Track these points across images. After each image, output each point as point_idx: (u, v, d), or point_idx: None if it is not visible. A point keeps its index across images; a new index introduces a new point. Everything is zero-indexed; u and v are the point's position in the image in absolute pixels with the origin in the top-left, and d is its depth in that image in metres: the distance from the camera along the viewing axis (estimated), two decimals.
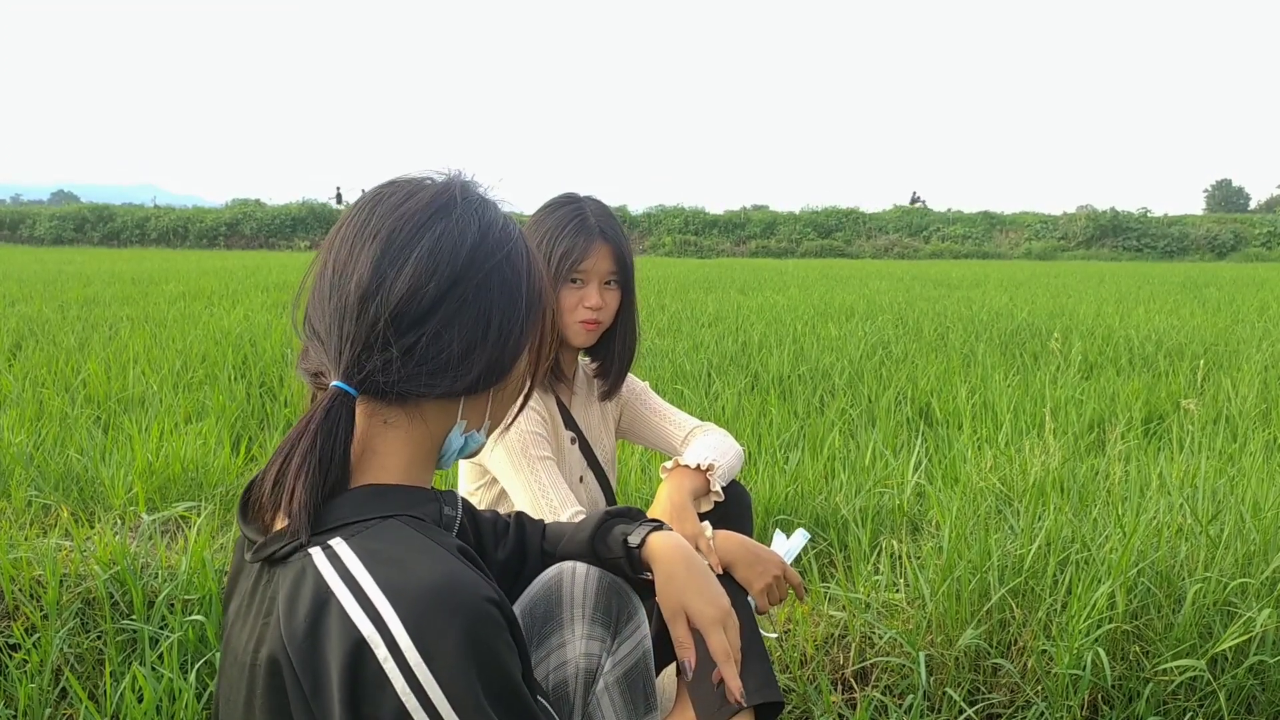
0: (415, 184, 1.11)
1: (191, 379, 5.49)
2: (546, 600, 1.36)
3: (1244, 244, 43.47)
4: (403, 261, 1.03)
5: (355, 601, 0.94)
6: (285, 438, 1.06)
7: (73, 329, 7.75)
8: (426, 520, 1.07)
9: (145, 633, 2.37)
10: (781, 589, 1.81)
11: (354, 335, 1.04)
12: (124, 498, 3.27)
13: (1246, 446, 3.94)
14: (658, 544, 1.37)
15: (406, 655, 0.92)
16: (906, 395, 5.29)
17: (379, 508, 1.04)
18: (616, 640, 1.40)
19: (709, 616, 1.32)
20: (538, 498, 1.92)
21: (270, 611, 1.01)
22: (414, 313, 1.03)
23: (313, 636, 0.95)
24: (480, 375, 1.07)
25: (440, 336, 1.04)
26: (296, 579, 0.99)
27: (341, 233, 1.09)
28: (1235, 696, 2.18)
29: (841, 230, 47.53)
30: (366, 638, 0.92)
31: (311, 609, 0.96)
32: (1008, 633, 2.42)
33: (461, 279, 1.05)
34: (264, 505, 1.07)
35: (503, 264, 1.09)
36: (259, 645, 1.01)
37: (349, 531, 1.01)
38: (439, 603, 0.93)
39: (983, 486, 3.12)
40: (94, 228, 48.19)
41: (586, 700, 1.37)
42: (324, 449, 1.02)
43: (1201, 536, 2.54)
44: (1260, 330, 8.71)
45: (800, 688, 2.34)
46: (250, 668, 1.01)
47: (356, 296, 1.03)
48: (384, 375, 1.03)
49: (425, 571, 0.96)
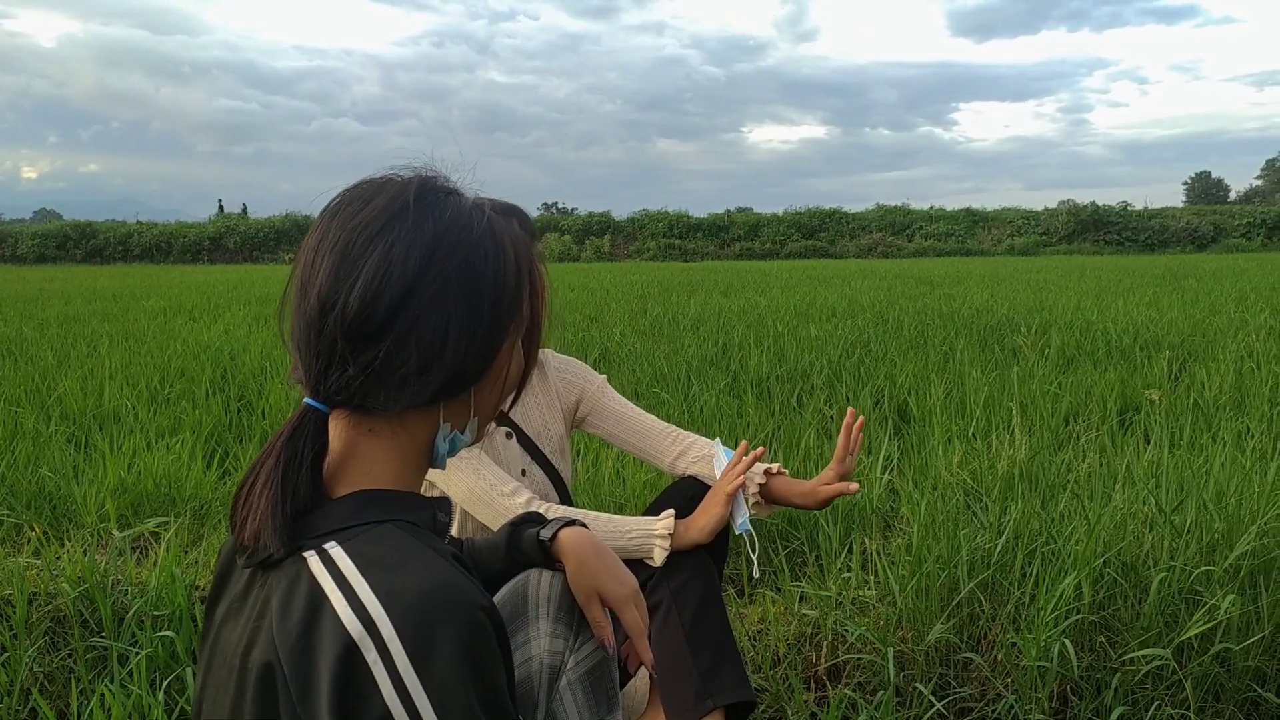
0: (374, 189, 1.07)
1: (169, 394, 5.46)
2: (514, 601, 1.40)
3: (1224, 235, 43.81)
4: (355, 276, 1.01)
5: (348, 605, 0.93)
6: (260, 453, 1.06)
7: (51, 347, 7.71)
8: (421, 526, 1.07)
9: (115, 649, 2.37)
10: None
11: (317, 350, 1.03)
12: (95, 515, 3.26)
13: (1218, 436, 3.97)
14: (567, 536, 1.45)
15: (396, 660, 0.91)
16: (884, 393, 5.31)
17: (374, 513, 1.03)
18: (579, 639, 1.42)
19: (620, 595, 1.40)
20: (475, 482, 1.92)
21: (263, 615, 0.99)
22: (369, 329, 1.01)
23: (305, 640, 0.94)
24: (443, 386, 1.05)
25: (398, 352, 1.01)
26: (291, 583, 0.98)
27: (308, 242, 1.07)
28: (1202, 685, 2.19)
29: (825, 230, 47.70)
30: (357, 641, 0.91)
31: (305, 613, 0.95)
32: (978, 626, 2.43)
33: (415, 290, 1.01)
34: (237, 520, 1.06)
35: (462, 268, 1.04)
36: (250, 648, 1.00)
37: (344, 536, 1.00)
38: (434, 609, 0.92)
39: (952, 482, 3.14)
40: (76, 245, 48.04)
41: (550, 696, 1.39)
42: (288, 467, 1.01)
43: (1165, 526, 2.56)
44: (1237, 320, 8.77)
45: (773, 687, 2.35)
46: (240, 671, 1.00)
47: (317, 311, 1.02)
48: (346, 391, 1.02)
49: (420, 576, 0.95)
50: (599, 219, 50.09)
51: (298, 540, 1.01)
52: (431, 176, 1.11)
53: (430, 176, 1.11)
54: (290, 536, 1.00)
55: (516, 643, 1.37)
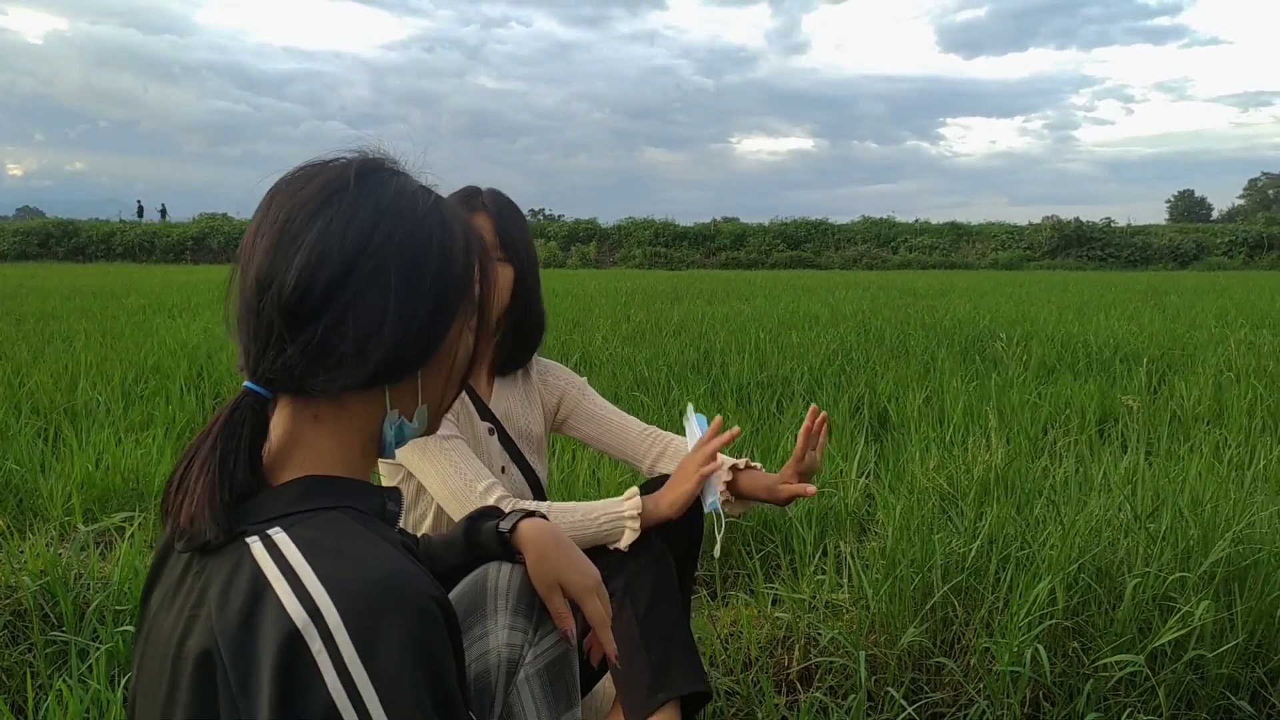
0: (316, 169, 1.05)
1: (143, 390, 5.40)
2: (472, 593, 1.37)
3: (1206, 253, 44.17)
4: (293, 253, 0.98)
5: (292, 592, 0.89)
6: (193, 440, 1.02)
7: (28, 342, 7.63)
8: (369, 513, 1.03)
9: (75, 644, 2.32)
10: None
11: (255, 332, 0.99)
12: (61, 509, 3.20)
13: (1196, 446, 3.97)
14: (527, 528, 1.42)
15: (342, 650, 0.87)
16: (865, 400, 5.30)
17: (321, 499, 0.99)
18: (539, 633, 1.39)
19: (583, 585, 1.38)
20: (450, 475, 1.89)
21: (201, 603, 0.95)
22: (306, 308, 0.98)
23: (246, 628, 0.90)
24: (381, 365, 1.01)
25: (335, 330, 0.98)
26: (232, 569, 0.94)
27: (251, 225, 1.04)
28: (1175, 692, 2.18)
29: (810, 241, 47.82)
30: (301, 629, 0.87)
31: (247, 600, 0.91)
32: (951, 631, 2.41)
33: (354, 267, 0.99)
34: (170, 508, 1.02)
35: (404, 244, 1.02)
36: (185, 636, 0.95)
37: (289, 522, 0.96)
38: (382, 598, 0.89)
39: (927, 486, 3.12)
40: (58, 243, 47.67)
41: (508, 690, 1.36)
42: (225, 453, 0.98)
43: (1141, 532, 2.54)
44: (1217, 335, 8.82)
45: (744, 690, 2.32)
46: (175, 660, 0.96)
47: (254, 292, 0.99)
48: (285, 373, 0.99)
49: (368, 565, 0.92)
50: (585, 226, 50.05)
51: (239, 526, 0.97)
52: (377, 157, 1.08)
53: (375, 157, 1.08)
54: (229, 522, 0.97)
55: (474, 635, 1.34)
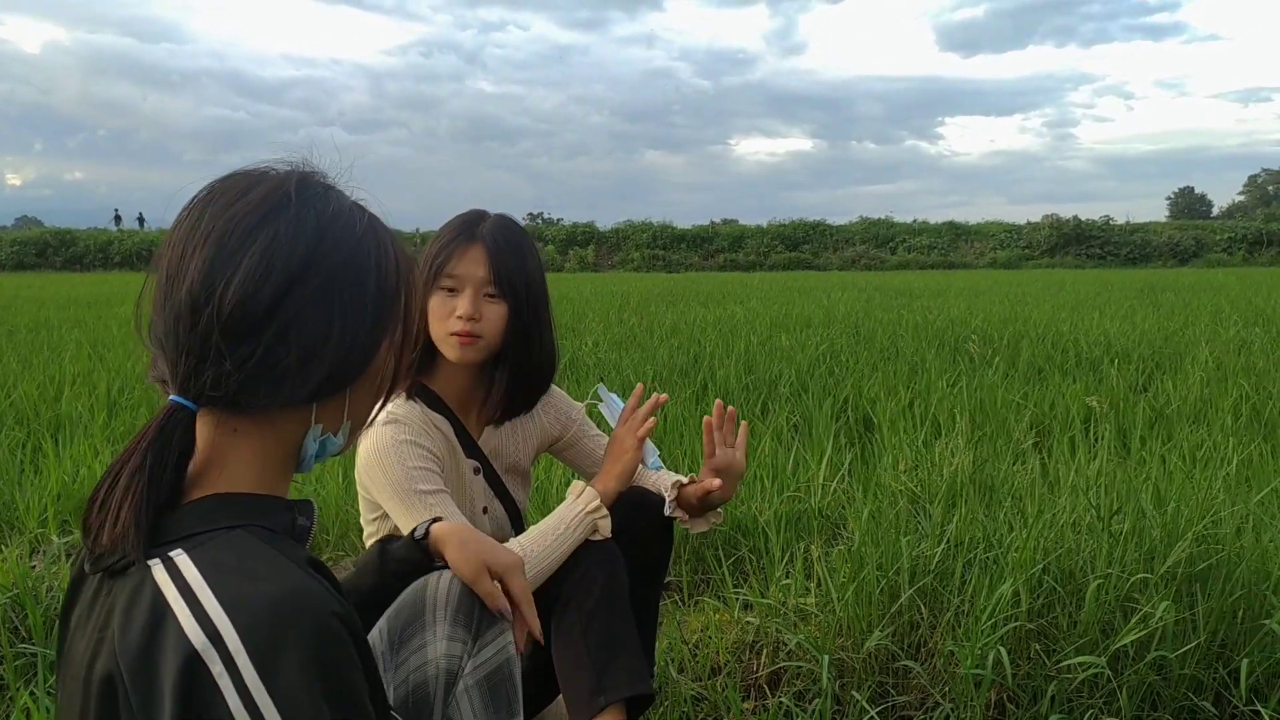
0: (250, 180, 1.04)
1: (128, 400, 5.40)
2: (412, 605, 1.37)
3: (1205, 250, 44.09)
4: (233, 269, 0.97)
5: (192, 615, 0.89)
6: (118, 455, 1.01)
7: (17, 352, 7.63)
8: (277, 530, 1.02)
9: (43, 657, 2.32)
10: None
11: (188, 347, 0.98)
12: (36, 521, 3.21)
13: (1178, 446, 3.97)
14: (441, 526, 1.45)
15: (243, 672, 0.87)
16: (849, 402, 5.30)
17: (226, 518, 0.99)
18: (478, 643, 1.39)
19: (507, 561, 1.40)
20: (403, 511, 1.87)
21: (107, 625, 0.95)
22: (247, 323, 0.97)
23: (147, 652, 0.90)
24: (323, 382, 1.02)
25: (277, 346, 0.98)
26: (134, 592, 0.94)
27: (174, 235, 1.02)
28: (1138, 693, 2.18)
29: (809, 243, 47.80)
30: (201, 652, 0.87)
31: (148, 623, 0.91)
32: (917, 634, 2.41)
33: (298, 283, 0.98)
34: (91, 526, 1.01)
35: (347, 262, 1.02)
36: (94, 659, 0.95)
37: (192, 543, 0.96)
38: (282, 616, 0.89)
39: (897, 489, 3.12)
40: (56, 252, 47.66)
41: (446, 701, 1.35)
42: (154, 468, 0.97)
43: (1104, 533, 2.54)
44: (1209, 333, 8.80)
45: (712, 695, 2.32)
46: (85, 682, 0.96)
47: (188, 306, 0.97)
48: (220, 388, 0.98)
49: (269, 584, 0.91)
50: (583, 229, 49.98)
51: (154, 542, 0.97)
52: (310, 171, 1.08)
53: (309, 171, 1.08)
54: (148, 539, 0.96)
55: (413, 646, 1.34)
